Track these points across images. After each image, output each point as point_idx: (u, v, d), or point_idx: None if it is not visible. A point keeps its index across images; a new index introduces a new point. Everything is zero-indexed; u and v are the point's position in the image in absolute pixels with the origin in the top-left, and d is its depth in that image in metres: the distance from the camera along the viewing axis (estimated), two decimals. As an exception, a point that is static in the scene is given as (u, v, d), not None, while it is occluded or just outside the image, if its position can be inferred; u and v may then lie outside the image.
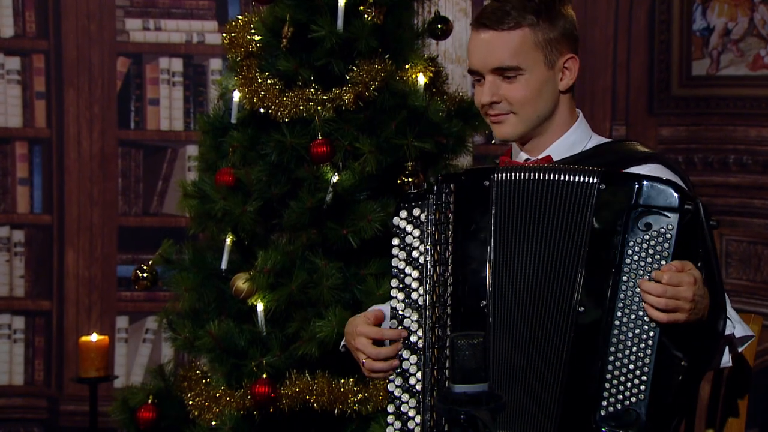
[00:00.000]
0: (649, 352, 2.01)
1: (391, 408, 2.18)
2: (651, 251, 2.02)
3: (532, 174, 2.12)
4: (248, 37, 3.14)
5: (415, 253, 2.17)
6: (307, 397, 2.98)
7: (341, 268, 3.03)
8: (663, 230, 2.02)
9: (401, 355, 2.18)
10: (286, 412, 3.00)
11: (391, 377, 2.19)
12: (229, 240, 3.13)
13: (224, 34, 3.19)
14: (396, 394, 2.18)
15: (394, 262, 2.19)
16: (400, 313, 2.18)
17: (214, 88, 4.17)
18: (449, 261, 2.14)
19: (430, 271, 2.15)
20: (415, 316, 2.17)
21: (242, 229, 3.09)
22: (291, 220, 3.04)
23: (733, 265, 4.19)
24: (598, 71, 4.33)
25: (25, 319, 4.39)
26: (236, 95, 3.14)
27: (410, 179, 3.02)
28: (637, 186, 2.05)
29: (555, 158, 2.28)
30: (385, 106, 3.06)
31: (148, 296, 4.26)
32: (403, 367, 2.18)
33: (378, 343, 2.22)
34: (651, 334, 2.01)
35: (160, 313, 3.29)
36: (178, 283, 3.16)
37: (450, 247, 2.14)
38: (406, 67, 3.12)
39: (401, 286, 2.18)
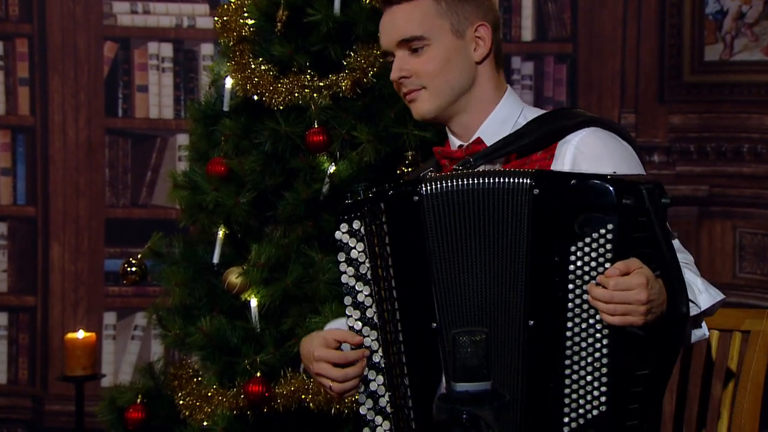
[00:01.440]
0: (605, 360, 1.99)
1: (366, 431, 2.18)
2: (594, 254, 1.98)
3: (460, 182, 2.08)
4: (241, 21, 3.14)
5: (362, 269, 2.15)
6: (303, 396, 2.99)
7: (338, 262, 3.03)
8: (603, 231, 1.97)
9: (367, 376, 2.17)
10: (281, 412, 3.01)
11: (361, 399, 2.18)
12: (221, 233, 3.14)
13: (216, 18, 3.19)
14: (369, 417, 2.17)
15: (344, 278, 2.16)
16: (358, 332, 2.17)
17: (205, 74, 4.17)
18: (392, 284, 2.11)
19: (377, 292, 2.13)
20: (374, 335, 2.16)
21: (235, 221, 3.10)
22: (286, 211, 3.05)
23: (747, 258, 4.20)
24: (607, 57, 4.34)
25: (8, 316, 4.40)
26: (228, 82, 3.14)
27: (410, 169, 3.03)
28: (571, 185, 2.00)
29: (486, 141, 2.26)
30: (383, 93, 3.07)
31: (137, 291, 4.27)
32: (371, 388, 2.17)
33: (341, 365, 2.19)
34: (605, 342, 1.99)
35: (150, 309, 3.30)
36: (168, 278, 3.17)
37: (391, 270, 2.11)
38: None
39: (355, 302, 2.16)
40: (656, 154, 4.30)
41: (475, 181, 2.07)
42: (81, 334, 3.77)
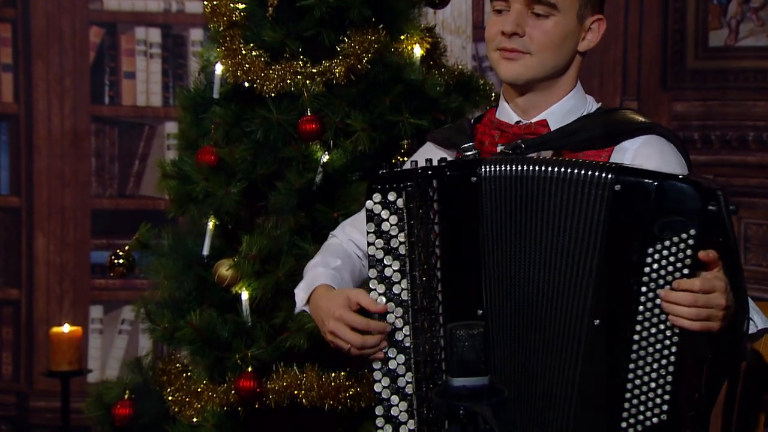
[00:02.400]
0: (671, 369, 1.99)
1: (379, 410, 2.16)
2: (672, 259, 1.97)
3: (526, 167, 2.06)
4: (231, 5, 3.14)
5: (393, 242, 2.13)
6: (296, 392, 3.00)
7: (332, 253, 3.04)
8: (685, 236, 1.97)
9: (387, 353, 2.16)
10: (273, 408, 3.02)
11: (377, 377, 2.17)
12: (211, 224, 3.14)
13: (205, 2, 3.18)
14: (384, 395, 2.15)
15: (371, 250, 2.14)
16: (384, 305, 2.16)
17: (194, 60, 4.18)
18: (437, 265, 2.10)
19: (415, 270, 2.11)
20: (399, 312, 2.14)
21: (225, 212, 3.10)
22: (278, 202, 3.05)
23: (752, 250, 4.21)
24: (608, 43, 4.34)
25: (-9, 309, 4.40)
26: (218, 68, 3.14)
27: (406, 158, 3.03)
28: (655, 185, 1.99)
29: (552, 125, 2.26)
30: (378, 79, 3.07)
31: (124, 284, 4.27)
32: (390, 366, 2.15)
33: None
34: (673, 349, 1.99)
35: (137, 302, 3.30)
36: (157, 270, 3.17)
37: (437, 250, 2.10)
38: (402, 38, 3.12)
39: (381, 276, 2.14)
40: (659, 143, 4.30)
41: (545, 169, 2.05)
42: (66, 328, 3.77)
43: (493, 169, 2.08)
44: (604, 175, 2.02)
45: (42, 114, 4.37)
